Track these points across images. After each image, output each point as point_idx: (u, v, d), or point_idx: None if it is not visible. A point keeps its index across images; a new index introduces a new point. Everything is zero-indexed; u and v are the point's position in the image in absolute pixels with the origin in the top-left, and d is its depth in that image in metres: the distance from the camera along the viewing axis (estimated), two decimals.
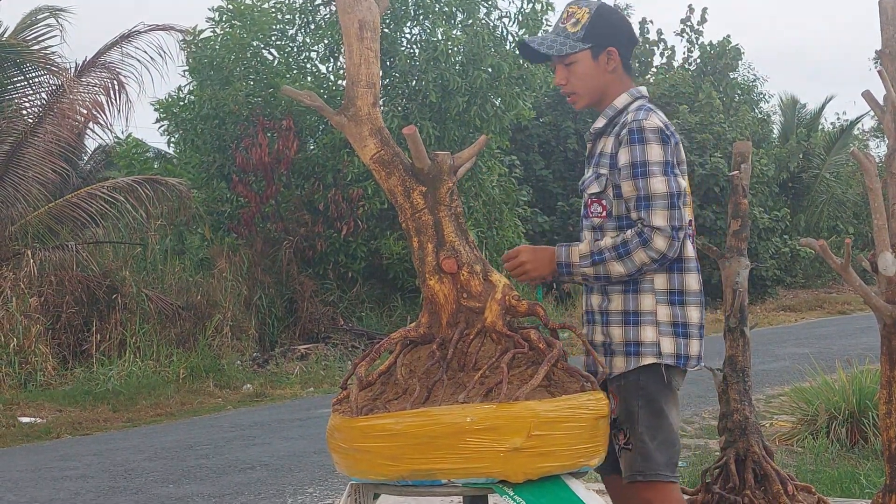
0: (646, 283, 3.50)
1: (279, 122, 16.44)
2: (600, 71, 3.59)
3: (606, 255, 3.41)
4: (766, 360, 13.06)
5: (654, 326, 3.50)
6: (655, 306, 3.50)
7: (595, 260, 3.42)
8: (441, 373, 3.22)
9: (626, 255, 3.39)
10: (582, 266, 3.43)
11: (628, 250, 3.39)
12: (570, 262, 3.44)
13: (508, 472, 3.05)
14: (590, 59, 3.57)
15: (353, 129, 3.39)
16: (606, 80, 3.60)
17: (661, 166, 3.42)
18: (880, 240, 3.61)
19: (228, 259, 15.76)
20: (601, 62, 3.58)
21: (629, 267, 3.40)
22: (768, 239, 23.71)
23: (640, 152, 3.42)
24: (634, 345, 3.50)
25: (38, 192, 14.21)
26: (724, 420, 4.29)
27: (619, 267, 3.40)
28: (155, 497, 7.04)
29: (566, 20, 3.61)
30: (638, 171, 3.42)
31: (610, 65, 3.59)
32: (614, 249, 3.40)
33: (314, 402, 11.64)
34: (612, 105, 3.60)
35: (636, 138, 3.44)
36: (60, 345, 13.25)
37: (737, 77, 28.75)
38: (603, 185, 3.53)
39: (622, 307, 3.52)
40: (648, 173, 3.41)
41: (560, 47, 3.56)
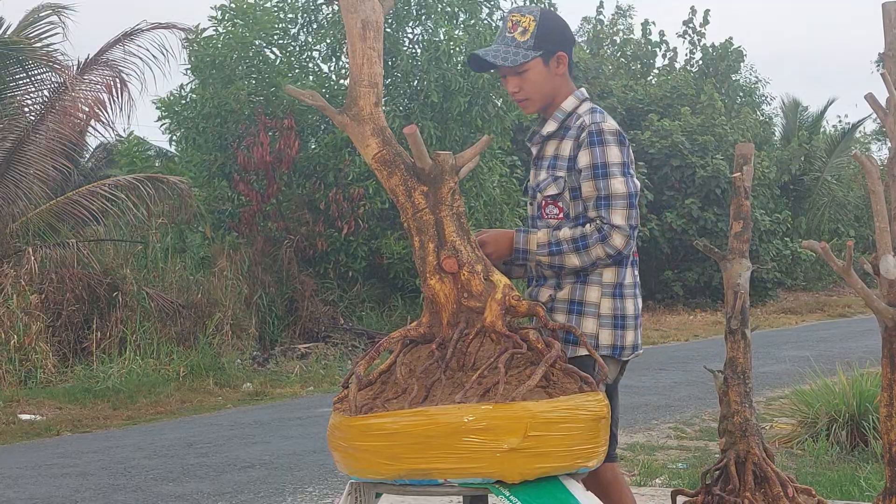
0: (594, 276, 3.64)
1: (281, 121, 16.43)
2: (551, 76, 3.70)
3: (564, 246, 3.53)
4: (766, 363, 13.07)
5: (596, 318, 3.65)
6: (600, 299, 3.65)
7: (552, 251, 3.54)
8: (440, 372, 3.22)
9: (584, 249, 3.53)
10: (538, 254, 3.54)
11: (587, 244, 3.52)
12: (527, 249, 3.55)
13: (505, 473, 3.05)
14: (542, 65, 3.67)
15: (356, 129, 3.39)
16: (556, 83, 3.72)
17: (620, 167, 3.57)
18: (882, 242, 3.60)
19: (229, 258, 15.76)
20: (552, 67, 3.70)
21: (584, 260, 3.54)
22: (769, 241, 23.72)
23: (601, 154, 3.56)
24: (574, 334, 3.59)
25: (40, 189, 14.21)
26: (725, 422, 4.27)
27: (574, 259, 3.54)
28: (155, 495, 7.04)
29: (512, 29, 3.66)
30: (599, 172, 3.56)
31: (560, 69, 3.71)
32: (572, 242, 3.53)
33: (314, 401, 11.63)
34: (561, 108, 3.72)
35: (596, 140, 3.58)
36: (61, 342, 13.25)
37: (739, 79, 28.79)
38: (561, 187, 3.65)
39: (569, 297, 3.65)
40: (609, 174, 3.55)
41: (513, 58, 3.63)
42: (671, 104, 24.15)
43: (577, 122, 3.65)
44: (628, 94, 24.36)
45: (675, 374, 12.71)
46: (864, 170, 3.65)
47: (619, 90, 23.97)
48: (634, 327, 3.72)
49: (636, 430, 9.02)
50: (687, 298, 23.19)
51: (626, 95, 24.21)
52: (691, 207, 22.29)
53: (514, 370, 3.20)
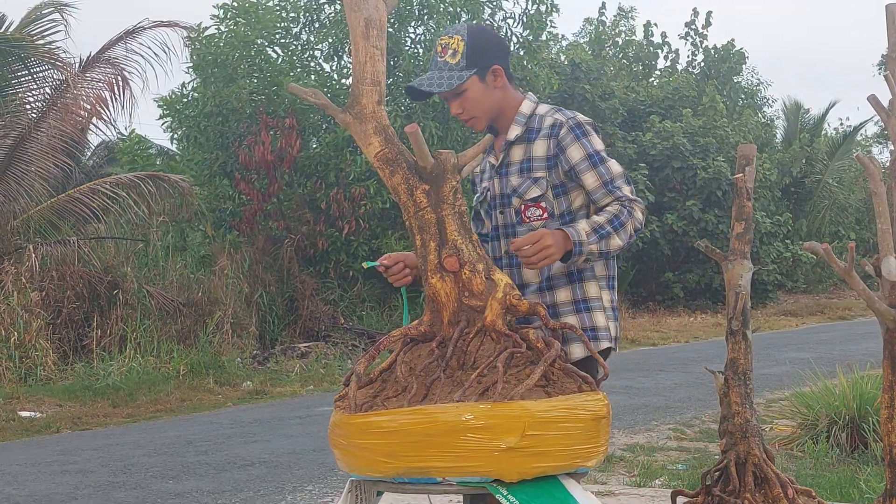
0: (589, 271, 3.67)
1: (282, 120, 16.44)
2: (490, 90, 3.66)
3: (608, 228, 3.50)
4: (766, 365, 13.06)
5: (603, 311, 3.68)
6: (600, 292, 3.68)
7: (601, 234, 3.49)
8: (439, 371, 3.21)
9: (621, 227, 3.51)
10: (590, 243, 3.47)
11: (622, 222, 3.51)
12: (581, 241, 3.46)
13: (502, 472, 3.04)
14: (478, 82, 3.63)
15: (358, 127, 3.38)
16: (498, 96, 3.68)
17: (606, 152, 3.65)
18: (884, 244, 3.60)
19: (230, 256, 15.77)
20: (489, 82, 3.65)
21: (624, 238, 3.53)
22: (770, 243, 23.72)
23: (589, 144, 3.61)
24: (592, 330, 3.66)
25: (41, 186, 14.22)
26: (725, 423, 4.27)
27: (617, 240, 3.51)
28: (154, 492, 7.04)
29: (443, 53, 3.65)
30: (596, 160, 3.60)
31: (498, 81, 3.67)
32: (610, 223, 3.51)
33: (314, 400, 11.64)
34: (520, 112, 3.71)
35: (580, 133, 3.61)
36: (61, 340, 13.26)
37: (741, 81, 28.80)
38: (543, 187, 3.64)
39: (572, 297, 3.66)
40: (603, 160, 3.60)
41: (448, 82, 3.61)
42: (673, 106, 24.14)
43: (547, 122, 3.66)
44: (630, 95, 24.35)
45: (675, 376, 12.71)
46: (867, 171, 3.65)
47: (620, 91, 23.97)
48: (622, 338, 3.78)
49: (636, 431, 9.02)
50: (687, 300, 23.20)
51: (628, 97, 24.21)
52: (692, 209, 22.28)
53: (514, 369, 3.19)
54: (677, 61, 28.30)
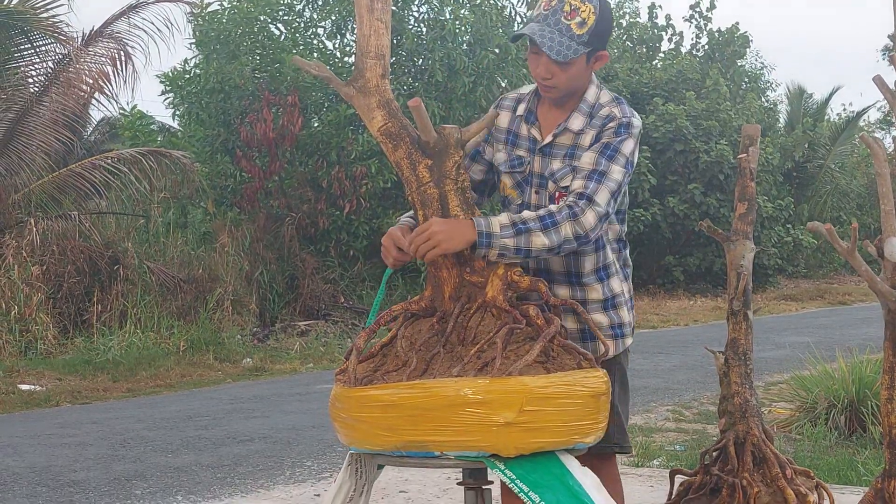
0: (613, 267, 3.57)
1: (284, 97, 16.41)
2: (588, 72, 3.48)
3: (531, 224, 3.23)
4: (766, 348, 13.07)
5: (626, 306, 3.63)
6: (622, 286, 3.61)
7: (519, 229, 3.22)
8: (439, 346, 3.22)
9: (554, 227, 3.25)
10: (503, 236, 3.22)
11: (555, 221, 3.26)
12: (490, 232, 3.21)
13: (500, 447, 3.04)
14: (584, 62, 3.43)
15: (361, 101, 3.37)
16: (588, 77, 3.51)
17: (626, 160, 3.40)
18: (887, 225, 3.59)
19: (231, 234, 15.77)
20: (591, 64, 3.46)
21: (554, 240, 3.25)
22: (771, 228, 23.71)
23: (621, 141, 3.40)
24: (619, 327, 3.60)
25: (43, 161, 14.20)
26: (725, 402, 4.27)
27: (543, 239, 3.24)
28: (153, 466, 7.05)
29: (570, 16, 3.36)
30: (608, 152, 3.38)
31: (597, 66, 3.49)
32: (539, 220, 3.25)
33: (313, 377, 11.65)
34: (585, 100, 3.50)
35: (622, 131, 3.41)
36: (61, 314, 13.27)
37: (744, 65, 28.72)
38: None
39: (602, 296, 3.55)
40: (615, 158, 3.37)
41: (566, 51, 3.35)
42: (676, 88, 24.08)
43: (603, 112, 3.47)
44: (633, 77, 24.29)
45: (675, 358, 12.72)
46: (871, 152, 3.63)
47: (624, 74, 23.92)
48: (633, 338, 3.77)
49: (635, 412, 9.02)
50: (688, 284, 23.20)
51: (632, 79, 24.15)
52: (694, 193, 22.26)
53: (514, 345, 3.19)
54: (681, 44, 28.24)
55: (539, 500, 3.02)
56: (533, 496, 3.03)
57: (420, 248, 3.22)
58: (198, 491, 6.33)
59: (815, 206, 27.83)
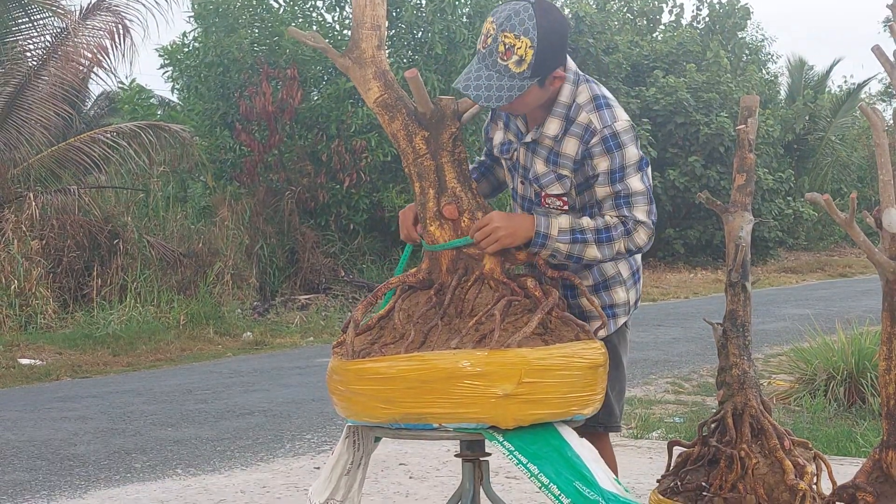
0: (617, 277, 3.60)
1: (283, 70, 16.35)
2: (546, 92, 3.32)
3: (589, 236, 3.27)
4: (766, 320, 13.08)
5: (623, 285, 3.61)
6: (618, 267, 3.57)
7: (576, 238, 3.26)
8: (437, 318, 3.21)
9: (608, 242, 3.28)
10: (559, 240, 3.25)
11: (611, 237, 3.29)
12: (548, 234, 3.25)
13: (498, 418, 3.05)
14: (537, 90, 3.28)
15: (357, 72, 3.35)
16: (546, 95, 3.34)
17: (636, 166, 3.33)
18: (885, 196, 3.57)
19: (230, 208, 15.76)
20: (546, 86, 3.30)
21: (605, 254, 3.30)
22: (772, 200, 23.68)
23: (620, 157, 3.30)
24: (609, 307, 3.59)
25: (42, 135, 14.17)
26: (723, 374, 4.25)
27: (595, 251, 3.28)
28: (153, 439, 7.06)
29: (506, 56, 3.18)
30: (617, 177, 3.31)
31: (556, 84, 3.32)
32: (596, 232, 3.27)
33: (314, 351, 11.66)
34: (559, 102, 3.36)
35: (613, 145, 3.30)
36: (61, 288, 13.28)
37: (745, 37, 28.59)
38: (566, 186, 3.40)
39: (592, 281, 3.56)
40: (626, 175, 3.31)
41: (508, 94, 3.21)
42: (677, 61, 24.00)
43: (581, 119, 3.33)
44: (634, 49, 24.20)
45: (674, 331, 12.73)
46: (870, 123, 3.61)
47: (624, 46, 23.82)
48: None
49: (634, 384, 9.03)
50: (688, 256, 23.19)
51: (632, 51, 24.06)
52: (694, 165, 22.22)
53: (512, 317, 3.19)
54: (682, 16, 28.13)
55: (538, 471, 3.03)
56: (532, 467, 3.03)
57: (482, 242, 3.27)
58: (197, 464, 6.34)
59: (816, 178, 27.77)
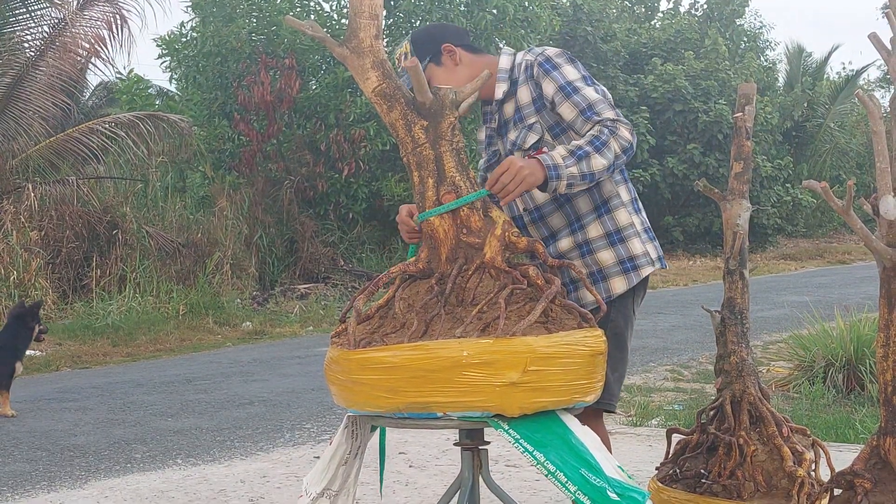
0: (615, 199, 3.66)
1: (281, 60, 16.34)
2: (452, 69, 3.68)
3: (587, 148, 3.39)
4: (765, 308, 13.10)
5: (638, 237, 3.69)
6: (630, 218, 3.67)
7: (579, 155, 3.37)
8: (439, 307, 3.21)
9: (604, 146, 3.41)
10: (568, 165, 3.35)
11: (603, 141, 3.41)
12: (556, 164, 3.34)
13: (504, 406, 3.05)
14: (435, 68, 3.67)
15: (355, 62, 3.35)
16: (464, 73, 3.66)
17: (582, 80, 3.55)
18: (883, 183, 3.58)
19: (229, 197, 15.76)
20: (446, 62, 3.68)
21: (609, 157, 3.41)
22: (770, 187, 23.68)
23: (560, 76, 3.55)
24: (629, 260, 3.67)
25: (40, 126, 14.16)
26: (721, 361, 4.27)
27: (601, 159, 3.39)
28: (154, 430, 7.08)
29: (399, 62, 3.67)
30: (569, 90, 3.54)
31: (455, 58, 3.68)
32: (590, 143, 3.40)
33: (313, 340, 11.68)
34: (501, 69, 3.68)
35: (549, 66, 3.58)
36: (60, 279, 13.29)
37: (743, 24, 28.56)
38: (539, 131, 3.61)
39: (603, 230, 3.65)
40: (576, 89, 3.53)
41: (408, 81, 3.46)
42: (675, 48, 23.98)
43: (522, 67, 3.66)
44: (632, 37, 24.18)
45: (674, 318, 12.74)
46: (867, 110, 3.62)
47: (622, 34, 23.80)
48: None
49: (634, 372, 9.05)
50: (687, 244, 23.20)
51: (630, 39, 24.04)
52: (693, 153, 22.22)
53: (514, 306, 3.19)
54: (680, 3, 28.09)
55: (544, 458, 3.04)
56: (538, 455, 3.04)
57: (508, 185, 3.30)
58: (197, 454, 6.36)
59: (815, 165, 27.77)
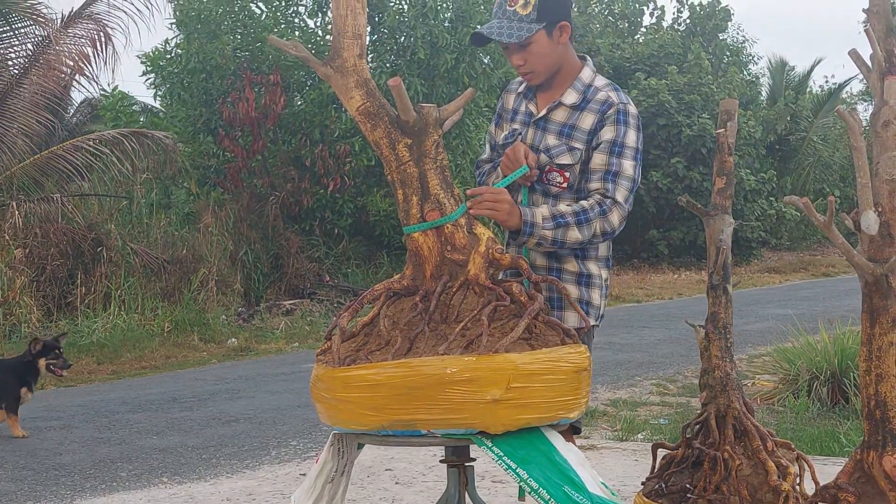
0: (592, 251, 3.72)
1: (266, 76, 16.34)
2: (555, 46, 3.64)
3: (569, 219, 3.49)
4: (749, 321, 13.14)
5: (599, 290, 3.76)
6: (599, 271, 3.74)
7: (558, 223, 3.48)
8: (423, 324, 3.22)
9: (586, 223, 3.51)
10: (544, 227, 3.47)
11: (588, 218, 3.51)
12: (534, 223, 3.47)
13: (487, 424, 3.06)
14: (545, 37, 3.60)
15: (339, 81, 3.37)
16: (560, 53, 3.67)
17: (634, 152, 3.62)
18: (864, 198, 3.60)
19: (214, 214, 15.73)
20: (555, 38, 3.62)
21: (586, 235, 3.52)
22: (754, 201, 23.76)
23: (623, 133, 3.59)
24: (587, 304, 3.72)
25: (24, 143, 14.12)
26: (706, 376, 4.28)
27: (576, 233, 3.51)
28: (139, 448, 7.06)
29: (513, 2, 3.58)
30: (616, 149, 3.59)
31: (563, 38, 3.64)
32: (574, 215, 3.50)
33: (299, 357, 11.66)
34: (580, 79, 3.69)
35: (622, 120, 3.60)
36: (45, 297, 13.23)
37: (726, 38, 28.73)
38: (576, 158, 3.63)
39: (577, 269, 3.70)
40: (623, 154, 3.59)
41: (518, 33, 3.55)
42: (658, 63, 24.09)
43: (600, 97, 3.65)
44: (615, 52, 24.29)
45: (659, 332, 12.77)
46: (847, 125, 3.64)
47: (606, 49, 23.91)
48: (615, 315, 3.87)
49: (619, 386, 9.08)
50: (672, 257, 23.26)
51: (614, 54, 24.14)
52: (677, 167, 22.30)
53: (498, 322, 3.20)
54: (663, 18, 28.27)
55: (527, 476, 3.05)
56: (521, 472, 3.05)
57: (486, 203, 3.42)
58: (183, 472, 6.35)
59: (798, 178, 27.89)
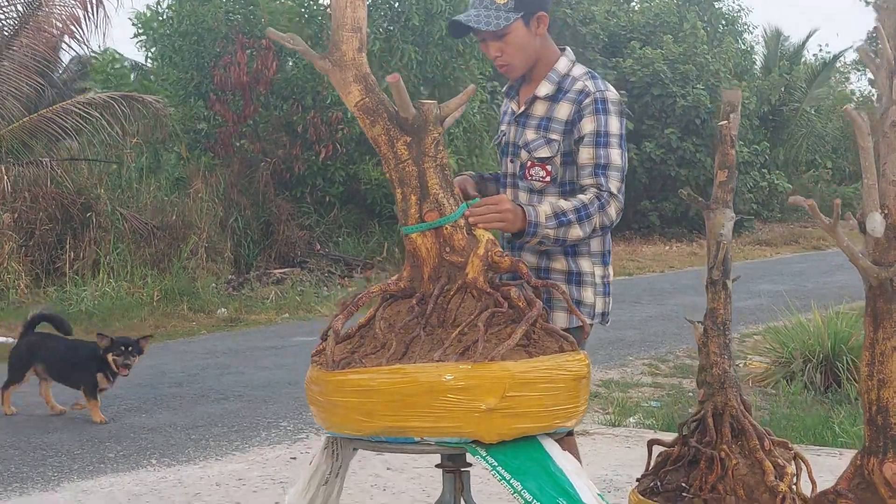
0: (583, 247, 3.66)
1: (259, 40, 16.18)
2: (532, 37, 3.61)
3: (571, 217, 3.43)
4: (740, 297, 13.09)
5: (593, 287, 3.69)
6: (592, 268, 3.69)
7: (560, 221, 3.42)
8: (419, 328, 3.16)
9: (587, 219, 3.45)
10: (547, 226, 3.41)
11: (588, 213, 3.45)
12: (538, 223, 3.39)
13: (482, 433, 3.01)
14: (522, 27, 3.57)
15: (338, 75, 3.30)
16: (538, 44, 3.64)
17: (618, 139, 3.57)
18: (869, 199, 3.55)
19: (204, 179, 15.60)
20: (532, 28, 3.61)
21: (586, 230, 3.47)
22: (747, 173, 23.69)
23: (605, 122, 3.54)
24: (577, 303, 3.65)
25: (13, 106, 13.97)
26: (703, 373, 4.24)
27: (578, 230, 3.45)
28: (126, 427, 6.99)
29: None
30: (601, 141, 3.54)
31: (540, 29, 3.61)
32: (575, 212, 3.44)
33: (289, 328, 11.59)
34: (555, 70, 3.65)
35: (601, 108, 3.55)
36: (34, 262, 13.14)
37: (721, 7, 28.51)
38: (554, 150, 3.60)
39: (566, 267, 3.66)
40: (609, 143, 3.54)
41: (496, 22, 3.54)
42: (653, 32, 23.92)
43: (577, 86, 3.60)
44: (611, 20, 24.11)
45: (650, 307, 12.73)
46: (854, 125, 3.59)
47: (601, 16, 23.73)
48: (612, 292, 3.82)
49: (611, 366, 9.05)
50: (663, 228, 23.20)
51: (609, 22, 23.97)
52: (671, 137, 22.20)
53: (495, 328, 3.14)
54: None
55: (521, 487, 2.99)
56: (515, 483, 3.00)
57: (488, 216, 3.31)
58: (172, 454, 6.28)
59: (791, 149, 27.81)
